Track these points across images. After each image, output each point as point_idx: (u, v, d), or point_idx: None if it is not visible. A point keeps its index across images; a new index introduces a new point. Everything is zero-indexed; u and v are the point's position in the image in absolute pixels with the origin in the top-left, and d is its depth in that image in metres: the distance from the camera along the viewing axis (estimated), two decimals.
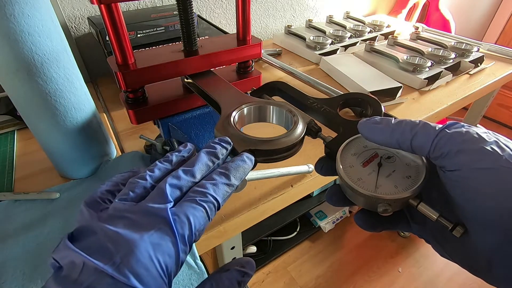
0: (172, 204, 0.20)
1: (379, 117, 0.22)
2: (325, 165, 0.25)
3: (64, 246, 0.18)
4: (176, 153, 0.24)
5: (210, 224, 0.40)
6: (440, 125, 0.19)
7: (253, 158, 0.24)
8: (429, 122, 0.20)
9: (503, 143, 0.18)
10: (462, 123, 0.19)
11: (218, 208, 0.21)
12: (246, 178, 0.36)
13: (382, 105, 0.27)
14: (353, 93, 0.29)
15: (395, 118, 0.22)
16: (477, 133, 0.18)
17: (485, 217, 0.17)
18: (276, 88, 0.33)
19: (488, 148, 0.17)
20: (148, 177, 0.21)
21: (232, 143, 0.24)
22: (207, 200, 0.20)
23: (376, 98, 0.27)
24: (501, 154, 0.17)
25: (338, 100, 0.29)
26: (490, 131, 0.19)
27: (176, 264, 0.18)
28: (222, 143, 0.24)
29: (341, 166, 0.22)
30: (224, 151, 0.24)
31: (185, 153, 0.24)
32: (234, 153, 0.25)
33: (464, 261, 0.20)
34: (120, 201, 0.20)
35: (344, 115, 0.27)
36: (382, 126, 0.21)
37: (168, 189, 0.20)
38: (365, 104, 0.28)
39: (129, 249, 0.17)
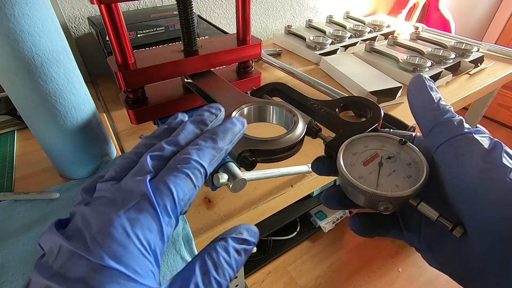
0: (151, 174, 0.18)
1: (435, 85, 0.22)
2: (322, 164, 0.25)
3: (48, 231, 0.17)
4: (165, 126, 0.22)
5: (210, 224, 0.40)
6: (470, 127, 0.19)
7: (244, 120, 0.23)
8: (464, 120, 0.20)
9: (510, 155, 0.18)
10: (485, 132, 0.19)
11: (206, 175, 0.19)
12: (246, 178, 0.36)
13: (382, 109, 0.27)
14: (353, 96, 0.30)
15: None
16: (493, 144, 0.18)
17: (485, 221, 0.17)
18: (276, 89, 0.33)
19: (499, 160, 0.17)
20: (132, 155, 0.20)
21: (223, 109, 0.23)
22: (190, 166, 0.18)
23: (375, 102, 0.27)
24: (510, 166, 0.17)
25: (338, 102, 0.29)
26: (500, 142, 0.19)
27: (161, 240, 0.17)
28: (211, 109, 0.22)
29: (342, 163, 0.22)
30: (213, 117, 0.22)
31: (174, 124, 0.22)
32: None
33: (455, 269, 0.20)
34: (102, 181, 0.19)
35: (344, 116, 0.27)
36: (429, 94, 0.21)
37: (149, 161, 0.19)
38: (364, 107, 0.28)
39: (102, 227, 0.16)
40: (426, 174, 0.20)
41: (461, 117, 0.20)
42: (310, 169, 0.47)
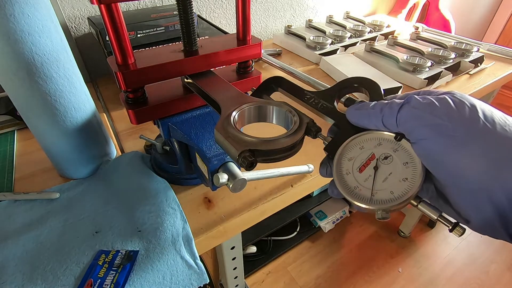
0: None
1: (362, 102, 0.23)
2: (329, 168, 0.25)
3: None
4: None
5: (210, 224, 0.41)
6: (403, 101, 0.20)
7: None
8: (396, 100, 0.21)
9: (455, 105, 0.19)
10: (425, 94, 0.20)
11: None
12: (246, 178, 0.36)
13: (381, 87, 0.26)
14: (348, 79, 0.28)
15: (376, 101, 0.23)
16: (431, 104, 0.19)
17: (455, 177, 0.18)
18: (273, 84, 0.32)
19: (438, 119, 0.18)
20: None
21: None
22: None
23: (372, 79, 0.26)
24: (448, 122, 0.18)
25: (334, 91, 0.28)
26: (451, 93, 0.20)
27: None
28: None
29: (338, 180, 0.22)
30: None
31: None
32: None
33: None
34: None
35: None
36: (360, 112, 0.23)
37: None
38: (363, 88, 0.27)
39: None
40: (422, 177, 0.20)
41: (392, 100, 0.21)
42: (310, 169, 0.47)
